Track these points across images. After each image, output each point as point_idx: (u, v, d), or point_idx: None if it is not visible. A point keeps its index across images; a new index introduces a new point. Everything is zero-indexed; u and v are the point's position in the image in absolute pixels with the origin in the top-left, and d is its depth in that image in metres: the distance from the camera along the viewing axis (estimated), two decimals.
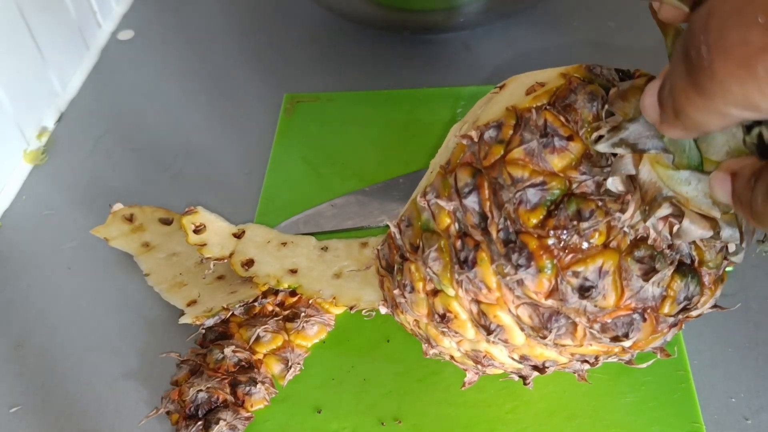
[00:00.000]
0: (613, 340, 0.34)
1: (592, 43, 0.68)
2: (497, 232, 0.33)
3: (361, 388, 0.45)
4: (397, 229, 0.38)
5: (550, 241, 0.32)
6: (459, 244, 0.35)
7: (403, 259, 0.38)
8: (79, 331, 0.50)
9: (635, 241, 0.32)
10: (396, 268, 0.39)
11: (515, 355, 0.37)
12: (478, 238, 0.34)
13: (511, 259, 0.33)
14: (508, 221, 0.33)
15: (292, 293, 0.49)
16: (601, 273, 0.32)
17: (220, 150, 0.62)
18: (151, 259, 0.52)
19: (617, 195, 0.32)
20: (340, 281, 0.49)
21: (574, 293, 0.32)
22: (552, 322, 0.34)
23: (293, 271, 0.49)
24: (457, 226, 0.35)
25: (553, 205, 0.32)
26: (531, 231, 0.32)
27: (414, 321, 0.40)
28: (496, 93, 0.38)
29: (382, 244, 0.40)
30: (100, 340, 0.50)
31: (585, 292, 0.32)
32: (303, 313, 0.48)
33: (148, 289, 0.51)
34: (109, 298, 0.52)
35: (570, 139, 0.32)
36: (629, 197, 0.32)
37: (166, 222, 0.55)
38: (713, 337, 0.46)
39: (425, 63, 0.68)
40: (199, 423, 0.43)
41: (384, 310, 0.42)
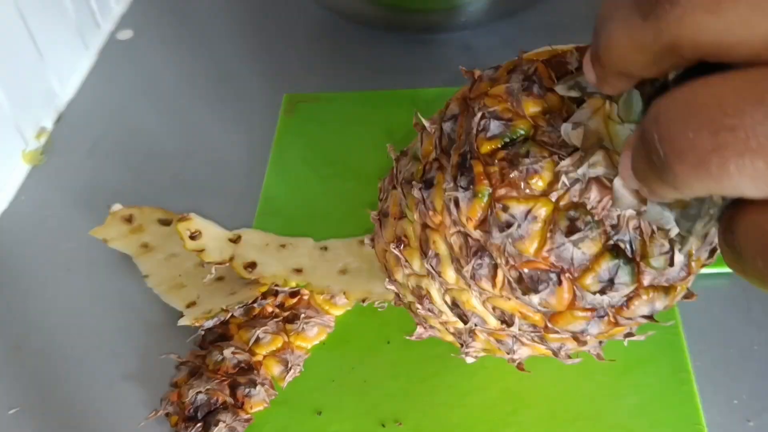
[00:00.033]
0: (525, 292, 0.33)
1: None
2: (458, 156, 0.34)
3: (362, 389, 0.45)
4: (395, 160, 0.40)
5: (492, 169, 0.33)
6: (428, 166, 0.36)
7: (392, 188, 0.39)
8: (77, 333, 0.50)
9: (576, 203, 0.32)
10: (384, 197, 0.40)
11: (447, 298, 0.37)
12: (444, 162, 0.35)
13: (457, 180, 0.34)
14: (468, 147, 0.34)
15: (292, 294, 0.49)
16: (528, 215, 0.32)
17: (219, 150, 0.62)
18: (150, 261, 0.52)
19: (572, 149, 0.31)
20: (347, 277, 0.49)
21: (498, 228, 0.33)
22: (476, 257, 0.34)
23: (298, 271, 0.49)
24: (435, 153, 0.36)
25: (511, 141, 0.33)
26: (481, 157, 0.33)
27: (382, 250, 0.40)
28: None
29: (384, 178, 0.42)
30: (98, 341, 0.49)
31: (507, 227, 0.33)
32: (303, 315, 0.48)
33: (148, 290, 0.51)
34: (108, 299, 0.52)
35: (550, 90, 0.33)
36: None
37: (165, 223, 0.55)
38: (715, 339, 0.46)
39: (425, 63, 0.68)
40: (199, 425, 0.43)
41: (367, 241, 0.43)
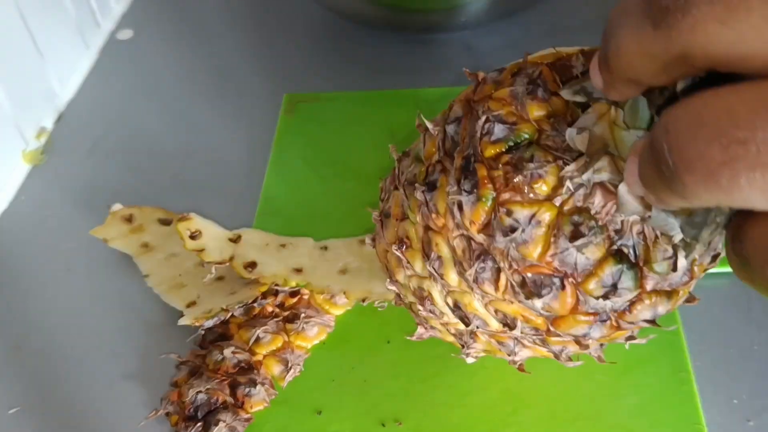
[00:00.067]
0: (528, 296, 0.33)
1: (593, 43, 0.68)
2: (462, 159, 0.34)
3: (362, 389, 0.45)
4: (397, 161, 0.40)
5: (496, 173, 0.33)
6: (431, 168, 0.36)
7: (394, 189, 0.39)
8: (78, 333, 0.50)
9: (580, 208, 0.32)
10: (386, 197, 0.40)
11: (450, 300, 0.37)
12: (447, 164, 0.35)
13: (460, 183, 0.34)
14: (472, 150, 0.34)
15: (293, 294, 0.49)
16: (532, 220, 0.32)
17: (219, 150, 0.62)
18: (151, 260, 0.52)
19: (576, 154, 0.31)
20: (347, 276, 0.49)
21: (502, 232, 0.33)
22: (479, 261, 0.34)
23: (298, 270, 0.49)
24: (438, 155, 0.36)
25: (516, 145, 0.33)
26: (485, 161, 0.33)
27: (383, 251, 0.40)
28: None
29: (385, 178, 0.42)
30: (99, 341, 0.49)
31: (511, 231, 0.32)
32: (303, 314, 0.48)
33: (148, 290, 0.51)
34: (108, 299, 0.52)
35: (555, 94, 0.33)
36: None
37: (165, 222, 0.55)
38: (715, 339, 0.46)
39: (426, 63, 0.68)
40: (199, 424, 0.43)
41: (368, 241, 0.43)
